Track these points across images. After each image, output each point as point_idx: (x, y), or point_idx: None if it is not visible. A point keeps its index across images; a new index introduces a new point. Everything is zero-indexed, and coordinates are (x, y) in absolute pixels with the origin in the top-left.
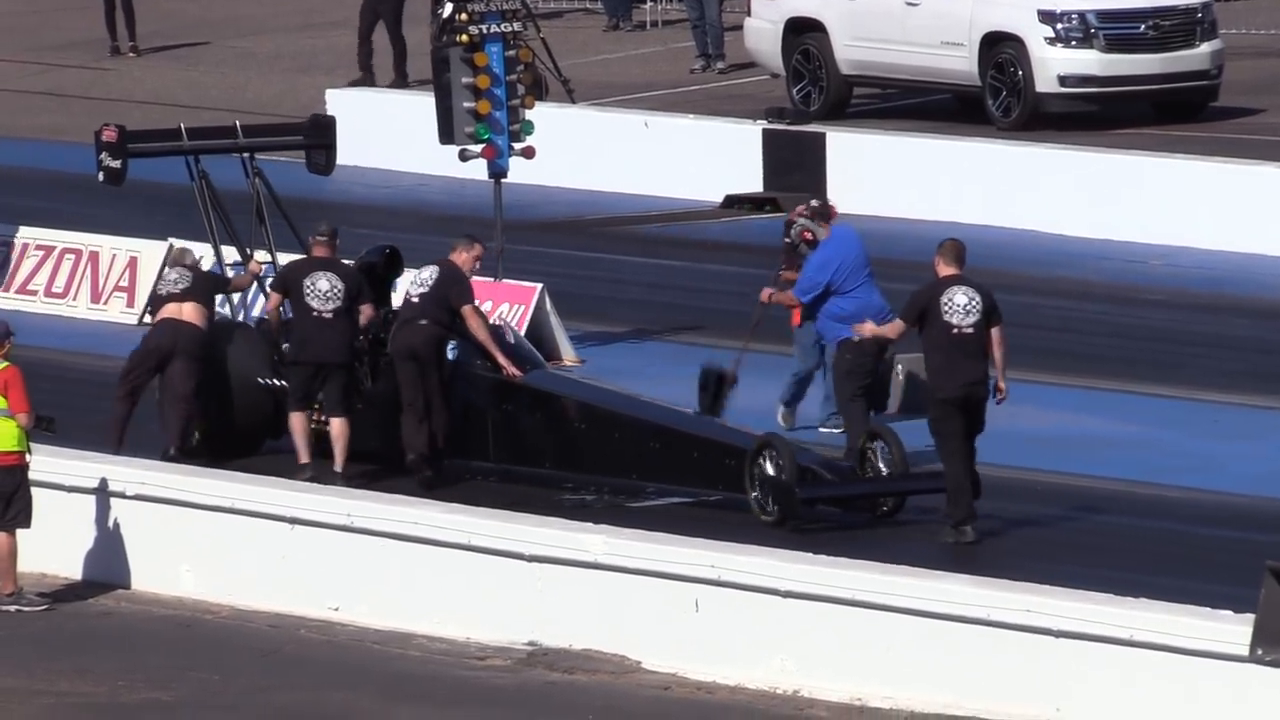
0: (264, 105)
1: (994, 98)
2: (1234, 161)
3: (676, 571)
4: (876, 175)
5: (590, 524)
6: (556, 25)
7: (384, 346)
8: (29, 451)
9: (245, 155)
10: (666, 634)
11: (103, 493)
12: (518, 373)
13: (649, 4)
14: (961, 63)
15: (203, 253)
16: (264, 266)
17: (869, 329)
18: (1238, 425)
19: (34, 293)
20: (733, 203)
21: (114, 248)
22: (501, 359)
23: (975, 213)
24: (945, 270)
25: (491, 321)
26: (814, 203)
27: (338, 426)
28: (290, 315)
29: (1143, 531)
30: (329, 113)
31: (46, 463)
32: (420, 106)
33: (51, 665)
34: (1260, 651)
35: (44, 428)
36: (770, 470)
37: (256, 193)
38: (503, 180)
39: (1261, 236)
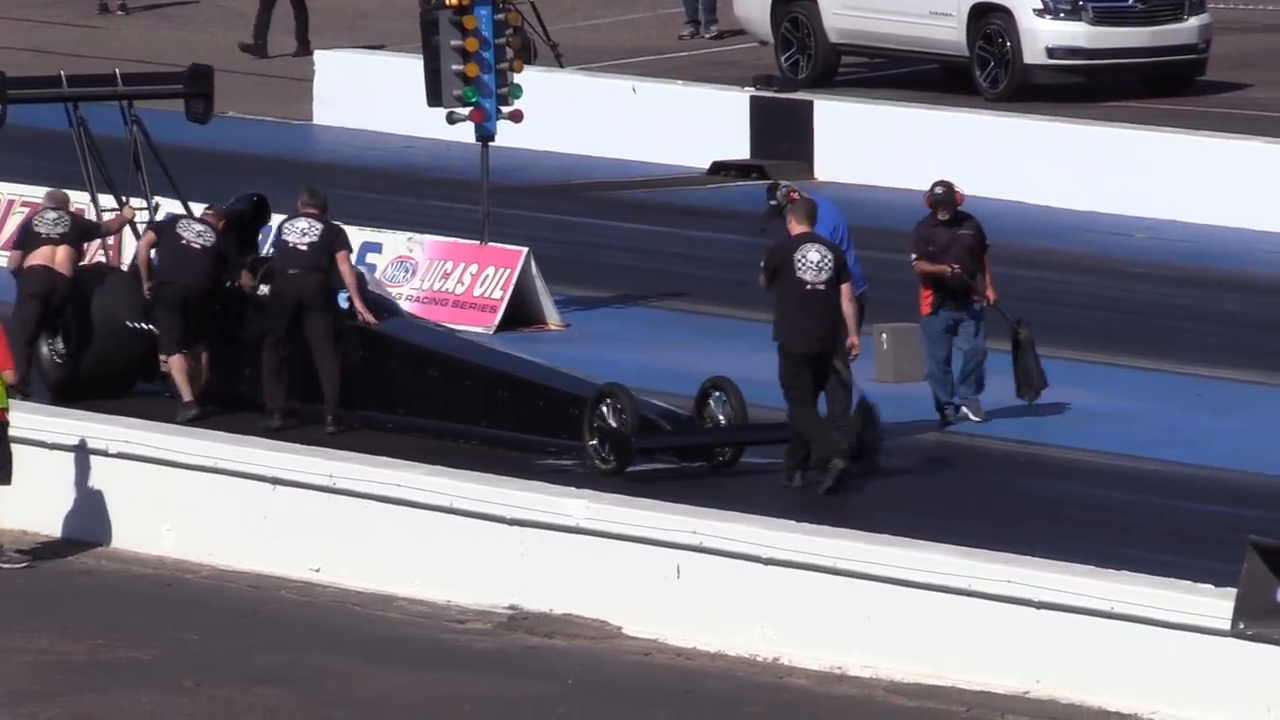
0: (252, 65)
1: (982, 68)
2: (1220, 135)
3: (658, 537)
4: (863, 144)
5: (572, 488)
6: None
7: (255, 292)
8: (9, 408)
9: (123, 103)
10: (647, 600)
11: (84, 450)
12: (373, 319)
13: None
14: (950, 33)
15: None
16: (136, 212)
17: None
18: (1221, 399)
19: None
20: (719, 169)
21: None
22: (359, 305)
23: (961, 183)
24: (798, 228)
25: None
26: (938, 189)
27: (178, 361)
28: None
29: (1125, 505)
30: (203, 68)
31: (28, 419)
32: (408, 69)
33: (31, 623)
34: (1242, 626)
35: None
36: (610, 419)
37: (134, 140)
38: (490, 143)
39: (1247, 211)
